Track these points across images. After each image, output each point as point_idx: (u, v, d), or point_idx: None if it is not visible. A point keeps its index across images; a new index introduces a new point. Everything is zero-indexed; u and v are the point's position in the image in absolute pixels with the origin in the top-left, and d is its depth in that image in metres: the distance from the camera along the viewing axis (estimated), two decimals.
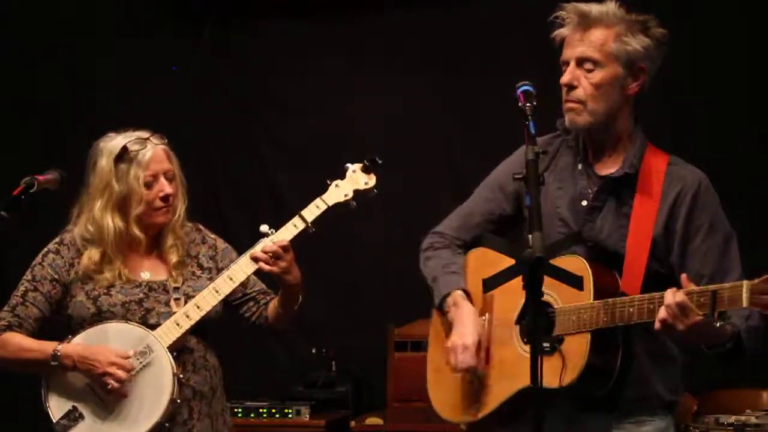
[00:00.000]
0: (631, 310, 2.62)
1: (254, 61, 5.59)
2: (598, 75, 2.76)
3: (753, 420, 3.96)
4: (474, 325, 2.88)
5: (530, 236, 2.38)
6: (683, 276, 2.58)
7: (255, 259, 3.16)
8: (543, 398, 2.43)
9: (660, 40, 2.81)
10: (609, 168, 2.85)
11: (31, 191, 3.09)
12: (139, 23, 5.63)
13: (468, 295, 2.95)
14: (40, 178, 3.13)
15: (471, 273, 2.99)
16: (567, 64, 2.81)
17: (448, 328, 2.97)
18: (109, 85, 5.53)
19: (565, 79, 2.79)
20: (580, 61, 2.77)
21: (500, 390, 2.84)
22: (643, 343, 2.76)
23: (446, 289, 2.97)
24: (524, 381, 2.69)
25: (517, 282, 2.55)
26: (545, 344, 2.66)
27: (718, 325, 2.50)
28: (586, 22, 2.78)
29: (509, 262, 2.74)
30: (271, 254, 3.13)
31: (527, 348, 2.78)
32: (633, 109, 2.85)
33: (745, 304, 2.42)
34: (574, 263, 2.71)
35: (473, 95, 5.16)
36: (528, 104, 2.62)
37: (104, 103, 5.37)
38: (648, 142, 2.87)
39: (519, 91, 2.66)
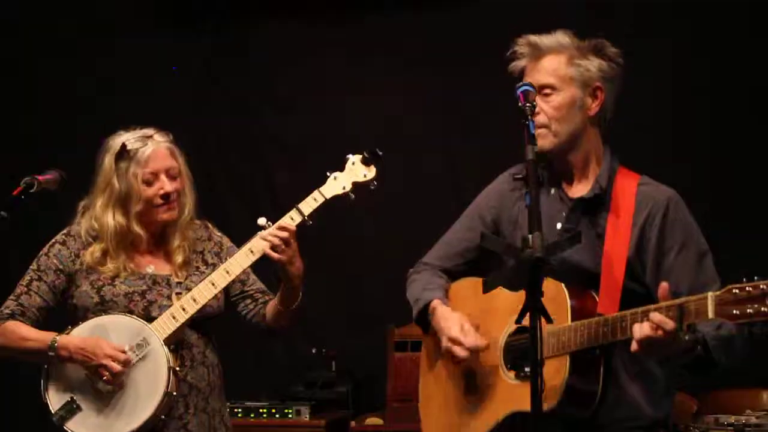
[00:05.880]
0: (605, 329, 2.62)
1: (254, 61, 5.59)
2: (556, 99, 2.85)
3: (753, 420, 3.95)
4: (453, 318, 2.92)
5: (530, 236, 2.38)
6: (661, 286, 2.57)
7: (266, 240, 3.15)
8: (540, 407, 2.40)
9: (614, 60, 2.88)
10: (581, 191, 2.89)
11: (31, 191, 3.10)
12: (139, 23, 5.63)
13: (445, 304, 3.00)
14: (40, 178, 3.15)
15: (467, 299, 3.01)
16: None
17: (435, 351, 3.01)
18: (109, 84, 5.53)
19: None
20: (538, 89, 2.84)
21: (487, 417, 2.85)
22: (625, 364, 2.77)
23: (424, 303, 3.03)
24: (510, 407, 2.72)
25: (503, 304, 2.67)
26: (527, 369, 2.67)
27: (687, 338, 2.52)
28: (538, 52, 2.88)
29: (506, 291, 2.77)
30: (279, 238, 3.14)
31: (511, 374, 2.81)
32: (599, 131, 2.91)
33: (711, 315, 2.42)
34: (551, 287, 2.66)
35: (473, 95, 5.15)
36: (528, 104, 2.63)
37: (104, 103, 5.37)
38: (620, 164, 2.91)
39: (519, 92, 2.67)
